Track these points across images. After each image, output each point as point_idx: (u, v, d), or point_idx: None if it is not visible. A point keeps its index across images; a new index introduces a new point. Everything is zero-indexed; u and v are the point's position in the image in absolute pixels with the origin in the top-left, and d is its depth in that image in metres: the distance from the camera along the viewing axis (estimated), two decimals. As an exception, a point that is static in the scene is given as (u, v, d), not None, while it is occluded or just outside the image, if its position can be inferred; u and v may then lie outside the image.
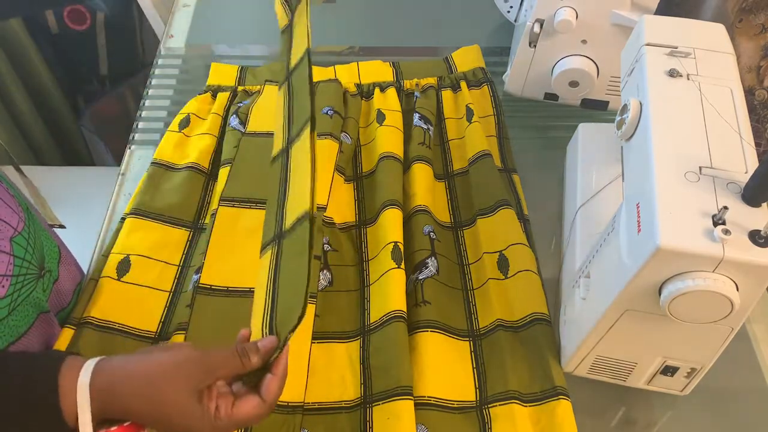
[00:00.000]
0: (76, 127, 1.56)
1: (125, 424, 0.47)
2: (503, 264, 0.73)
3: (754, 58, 1.06)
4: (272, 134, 0.85)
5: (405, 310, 0.69)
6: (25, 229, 0.58)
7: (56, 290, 0.67)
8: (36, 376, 0.46)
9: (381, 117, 0.88)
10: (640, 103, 0.59)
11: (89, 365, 0.46)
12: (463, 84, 0.93)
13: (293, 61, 0.70)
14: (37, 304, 0.61)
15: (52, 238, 0.66)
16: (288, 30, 0.71)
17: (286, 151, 0.66)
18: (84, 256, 0.76)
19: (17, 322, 0.58)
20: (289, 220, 0.59)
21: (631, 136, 0.60)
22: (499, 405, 0.64)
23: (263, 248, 0.61)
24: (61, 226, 0.67)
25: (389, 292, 0.70)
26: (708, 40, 0.63)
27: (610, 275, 0.58)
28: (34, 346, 0.62)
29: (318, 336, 0.70)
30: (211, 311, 0.69)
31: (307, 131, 0.62)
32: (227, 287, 0.72)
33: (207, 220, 0.78)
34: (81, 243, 0.78)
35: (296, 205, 0.59)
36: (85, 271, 0.75)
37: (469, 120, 0.87)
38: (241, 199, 0.78)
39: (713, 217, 0.49)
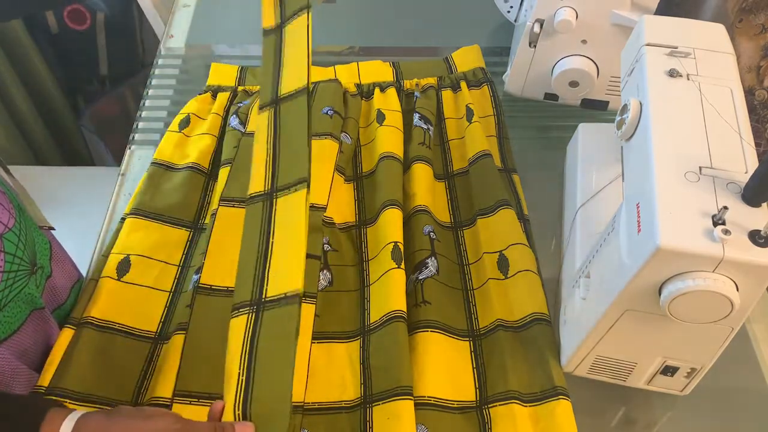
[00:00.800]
0: (76, 127, 1.56)
1: None
2: (503, 264, 0.73)
3: (754, 58, 1.06)
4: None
5: (405, 310, 0.69)
6: (15, 226, 0.58)
7: (50, 287, 0.67)
8: (18, 427, 0.46)
9: (381, 117, 0.88)
10: (640, 103, 0.59)
11: (70, 420, 0.47)
12: (463, 84, 0.93)
13: (284, 86, 0.68)
14: (29, 301, 0.61)
15: (43, 235, 0.66)
16: (276, 41, 0.68)
17: (269, 198, 0.67)
18: (84, 256, 0.76)
19: (9, 318, 0.58)
20: (273, 290, 0.60)
21: (631, 136, 0.60)
22: (499, 405, 0.64)
23: (236, 308, 0.62)
24: (51, 228, 0.67)
25: (389, 292, 0.70)
26: (708, 40, 0.63)
27: (610, 275, 0.58)
28: (28, 342, 0.62)
29: (318, 336, 0.70)
30: (211, 311, 0.69)
31: (302, 193, 0.64)
32: (227, 287, 0.72)
33: (207, 220, 0.78)
34: (81, 243, 0.78)
35: (283, 278, 0.61)
36: (85, 271, 0.75)
37: (469, 120, 0.87)
38: (241, 199, 0.78)
39: (713, 217, 0.49)
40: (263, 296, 0.61)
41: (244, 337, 0.60)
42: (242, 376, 0.57)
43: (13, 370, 0.59)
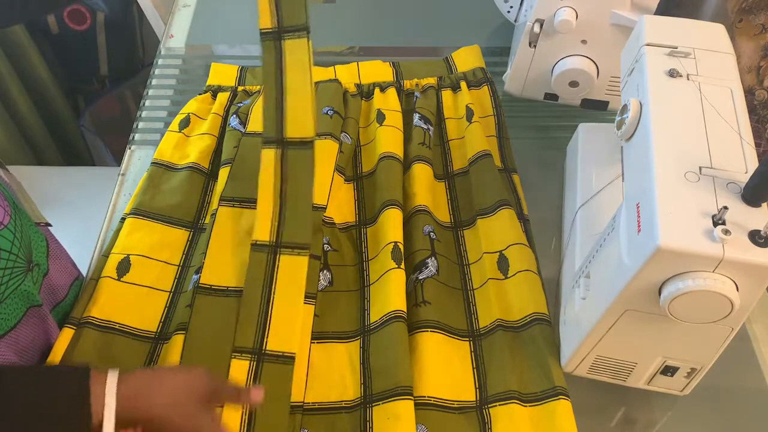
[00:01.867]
0: (76, 127, 1.56)
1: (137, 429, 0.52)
2: (503, 264, 0.73)
3: (754, 58, 1.06)
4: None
5: (405, 310, 0.69)
6: (11, 223, 0.58)
7: (48, 284, 0.67)
8: (66, 386, 0.50)
9: (381, 117, 0.88)
10: (640, 103, 0.59)
11: (114, 374, 0.52)
12: (463, 84, 0.93)
13: (290, 128, 0.68)
14: (26, 297, 0.61)
15: (40, 232, 0.66)
16: (276, 57, 0.66)
17: (274, 253, 0.72)
18: (84, 256, 0.76)
19: (6, 315, 0.59)
20: (273, 344, 0.66)
21: (631, 136, 0.60)
22: (499, 405, 0.64)
23: (238, 350, 0.67)
24: (48, 224, 0.68)
25: (389, 292, 0.70)
26: (708, 40, 0.63)
27: (610, 275, 0.58)
28: (25, 339, 0.62)
29: (318, 336, 0.70)
30: (211, 311, 0.69)
31: (304, 259, 0.69)
32: (227, 287, 0.72)
33: (207, 220, 0.78)
34: (81, 243, 0.78)
35: (282, 337, 0.67)
36: (85, 271, 0.75)
37: (469, 120, 0.87)
38: (241, 199, 0.78)
39: (713, 217, 0.49)
40: (264, 348, 0.67)
41: (247, 380, 0.65)
42: (245, 416, 0.63)
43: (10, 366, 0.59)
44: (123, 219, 0.78)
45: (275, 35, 0.62)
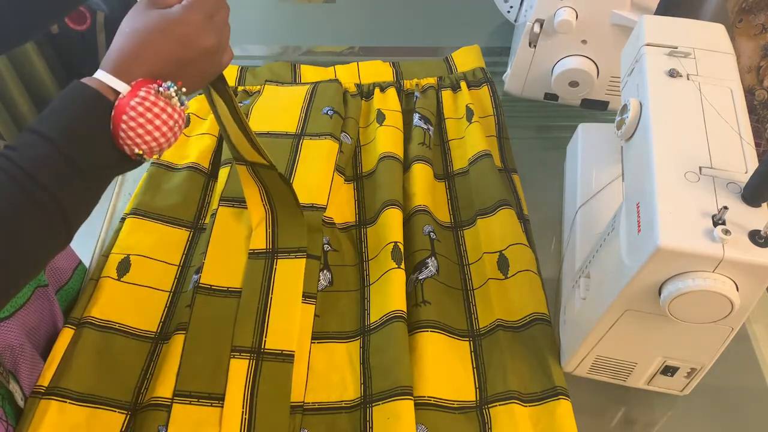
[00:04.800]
0: (76, 127, 1.56)
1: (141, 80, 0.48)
2: (503, 264, 0.73)
3: (754, 58, 1.06)
4: (272, 135, 0.86)
5: (405, 310, 0.69)
6: None
7: (52, 267, 0.68)
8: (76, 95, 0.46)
9: (381, 117, 0.88)
10: (640, 103, 0.59)
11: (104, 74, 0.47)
12: (463, 84, 0.93)
13: (245, 155, 0.68)
14: None
15: None
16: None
17: (271, 258, 0.72)
18: (84, 256, 0.76)
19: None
20: (271, 343, 0.67)
21: (631, 136, 0.60)
22: (499, 405, 0.64)
23: (237, 350, 0.67)
24: None
25: (389, 292, 0.70)
26: (708, 40, 0.63)
27: (610, 275, 0.58)
28: (33, 319, 0.63)
29: (318, 336, 0.70)
30: (211, 311, 0.69)
31: (302, 261, 0.71)
32: (227, 287, 0.72)
33: (207, 220, 0.78)
34: (81, 243, 0.78)
35: (281, 336, 0.67)
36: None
37: (469, 120, 0.87)
38: (241, 199, 0.78)
39: (713, 217, 0.49)
40: (263, 346, 0.67)
41: (246, 379, 0.65)
42: (245, 414, 0.62)
43: (20, 345, 0.60)
44: (123, 219, 0.78)
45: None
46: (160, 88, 0.47)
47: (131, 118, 0.45)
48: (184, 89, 0.49)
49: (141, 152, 0.47)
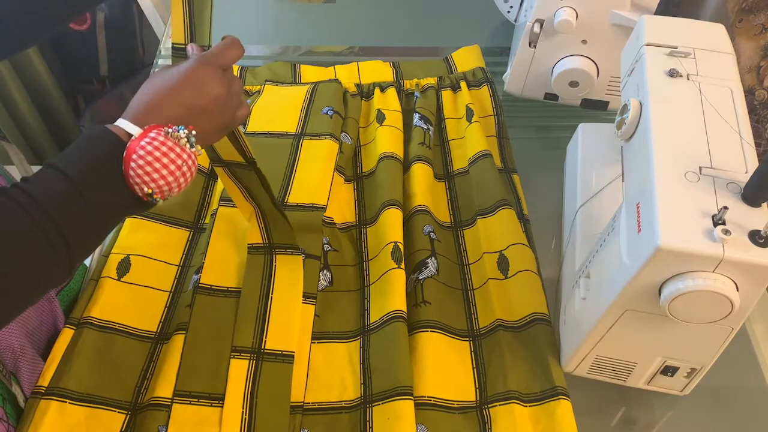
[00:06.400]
0: (76, 127, 1.56)
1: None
2: (503, 264, 0.73)
3: (754, 58, 1.06)
4: (272, 134, 0.86)
5: (405, 310, 0.69)
6: None
7: None
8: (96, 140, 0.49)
9: (381, 117, 0.88)
10: (640, 103, 0.59)
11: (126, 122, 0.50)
12: (463, 84, 0.93)
13: (223, 154, 0.68)
14: None
15: None
16: None
17: (269, 253, 0.72)
18: (84, 256, 0.77)
19: None
20: (272, 343, 0.67)
21: (631, 136, 0.60)
22: (499, 405, 0.64)
23: (237, 350, 0.67)
24: None
25: (389, 292, 0.70)
26: (708, 40, 0.63)
27: (610, 275, 0.58)
28: (34, 320, 0.63)
29: (318, 336, 0.70)
30: (211, 311, 0.69)
31: (298, 258, 0.71)
32: (227, 287, 0.72)
33: (207, 220, 0.78)
34: (81, 243, 0.78)
35: (282, 336, 0.67)
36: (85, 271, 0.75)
37: (469, 120, 0.87)
38: (241, 199, 0.78)
39: (713, 217, 0.49)
40: (263, 347, 0.67)
41: (246, 379, 0.65)
42: (245, 414, 0.62)
43: (21, 347, 0.60)
44: (123, 219, 0.78)
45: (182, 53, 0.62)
46: (170, 130, 0.49)
47: (140, 156, 0.47)
48: (194, 132, 0.50)
49: (150, 191, 0.48)
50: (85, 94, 1.60)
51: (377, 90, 0.93)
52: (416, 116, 0.88)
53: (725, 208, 0.49)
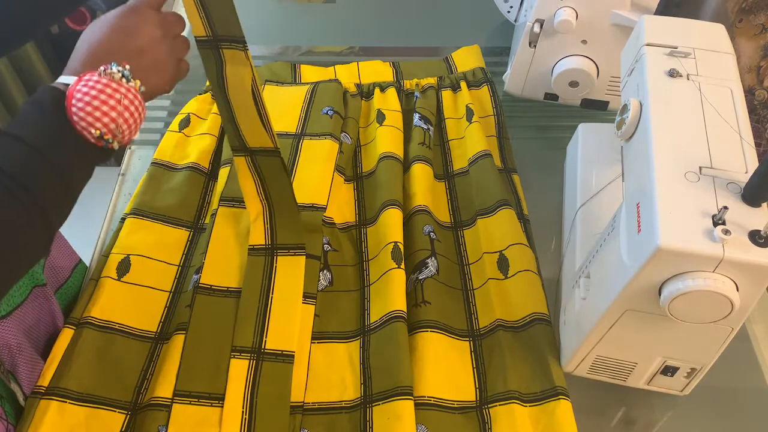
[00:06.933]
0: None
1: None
2: (503, 264, 0.73)
3: (754, 58, 1.06)
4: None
5: (405, 310, 0.69)
6: None
7: (50, 266, 0.68)
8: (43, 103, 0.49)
9: (381, 117, 0.88)
10: (640, 103, 0.59)
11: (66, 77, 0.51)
12: (463, 84, 0.93)
13: (249, 139, 0.68)
14: (30, 276, 0.62)
15: None
16: (217, 65, 0.63)
17: (271, 254, 0.72)
18: (84, 256, 0.77)
19: (12, 293, 0.59)
20: (272, 343, 0.67)
21: (631, 136, 0.60)
22: (499, 405, 0.64)
23: (237, 350, 0.67)
24: None
25: (389, 292, 0.70)
26: (708, 40, 0.63)
27: (610, 275, 0.58)
28: (31, 318, 0.63)
29: (318, 336, 0.70)
30: (211, 311, 0.69)
31: (301, 258, 0.71)
32: (227, 287, 0.72)
33: (207, 220, 0.78)
34: (81, 243, 0.78)
35: (282, 336, 0.67)
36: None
37: (469, 120, 0.87)
38: (241, 199, 0.78)
39: (713, 217, 0.49)
40: (263, 346, 0.67)
41: (246, 379, 0.65)
42: (245, 415, 0.63)
43: (18, 345, 0.60)
44: (123, 219, 0.78)
45: (213, 45, 0.61)
46: (102, 68, 0.49)
47: (78, 99, 0.48)
48: (128, 67, 0.51)
49: (99, 132, 0.48)
50: (85, 94, 1.60)
51: (377, 90, 0.93)
52: (416, 116, 0.88)
53: (725, 208, 0.49)
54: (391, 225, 0.75)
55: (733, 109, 0.57)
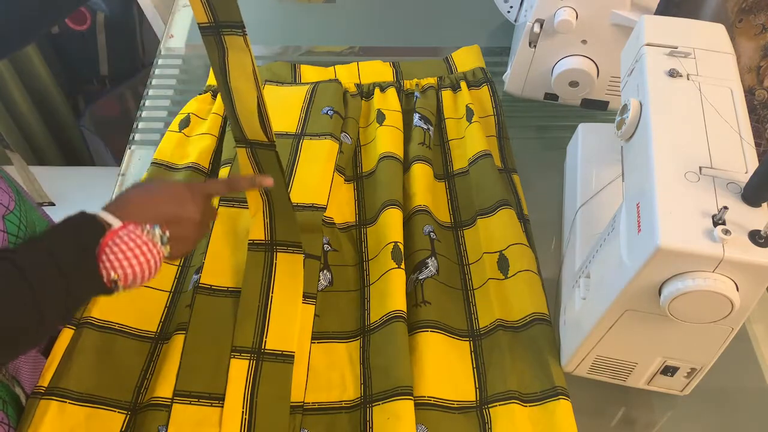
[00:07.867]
0: (76, 127, 1.56)
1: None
2: (503, 264, 0.73)
3: (754, 58, 1.06)
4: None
5: (405, 310, 0.69)
6: (16, 208, 0.60)
7: None
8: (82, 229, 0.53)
9: (381, 117, 0.88)
10: (640, 103, 0.59)
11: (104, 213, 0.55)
12: (463, 84, 0.93)
13: (248, 131, 0.69)
14: None
15: (42, 218, 0.67)
16: (219, 54, 0.64)
17: (270, 251, 0.73)
18: (84, 256, 0.76)
19: None
20: (272, 343, 0.67)
21: (631, 136, 0.60)
22: (499, 405, 0.64)
23: (237, 350, 0.67)
24: (51, 204, 0.70)
25: (389, 292, 0.70)
26: (708, 40, 0.63)
27: (610, 275, 0.58)
28: None
29: (318, 336, 0.70)
30: (211, 311, 0.69)
31: (299, 257, 0.71)
32: (227, 287, 0.72)
33: (207, 220, 0.78)
34: (81, 243, 0.78)
35: (282, 336, 0.67)
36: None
37: (469, 120, 0.87)
38: (241, 200, 0.78)
39: (713, 217, 0.49)
40: (263, 347, 0.67)
41: (246, 379, 0.65)
42: (245, 415, 0.63)
43: None
44: (123, 219, 0.77)
45: (215, 31, 0.62)
46: (148, 228, 0.54)
47: (115, 243, 0.52)
48: (167, 234, 0.55)
49: (116, 277, 0.51)
50: (85, 94, 1.60)
51: (377, 90, 0.93)
52: (416, 116, 0.88)
53: (725, 208, 0.49)
54: (391, 225, 0.75)
55: (733, 109, 0.57)
